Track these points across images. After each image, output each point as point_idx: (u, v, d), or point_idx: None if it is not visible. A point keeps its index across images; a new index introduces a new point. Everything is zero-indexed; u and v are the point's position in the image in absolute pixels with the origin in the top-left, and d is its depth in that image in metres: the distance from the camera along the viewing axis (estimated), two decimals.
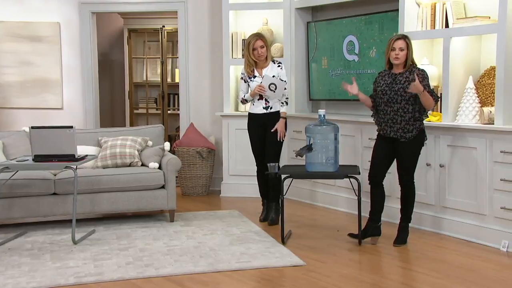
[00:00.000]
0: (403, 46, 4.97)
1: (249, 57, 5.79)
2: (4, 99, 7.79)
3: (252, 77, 5.83)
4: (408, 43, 4.97)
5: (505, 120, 4.95)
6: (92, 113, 7.84)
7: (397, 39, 4.99)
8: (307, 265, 4.60)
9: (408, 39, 5.00)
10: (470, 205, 5.21)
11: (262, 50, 5.75)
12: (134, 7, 7.79)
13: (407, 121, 4.95)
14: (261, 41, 5.76)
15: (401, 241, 5.10)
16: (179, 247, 5.06)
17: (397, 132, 4.99)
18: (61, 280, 4.29)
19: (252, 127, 5.93)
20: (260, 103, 5.83)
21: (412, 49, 5.01)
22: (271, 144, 5.81)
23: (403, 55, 4.98)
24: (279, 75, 5.80)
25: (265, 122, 5.82)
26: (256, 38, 5.77)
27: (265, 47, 5.76)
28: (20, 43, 7.73)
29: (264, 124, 5.83)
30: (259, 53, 5.76)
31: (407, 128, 4.95)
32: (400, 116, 4.96)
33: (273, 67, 5.84)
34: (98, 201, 5.76)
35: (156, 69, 9.70)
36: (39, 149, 5.25)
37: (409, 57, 4.98)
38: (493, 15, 5.14)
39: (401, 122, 4.96)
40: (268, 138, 5.82)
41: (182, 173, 7.31)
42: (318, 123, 5.17)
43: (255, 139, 5.92)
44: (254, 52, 5.75)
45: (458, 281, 4.25)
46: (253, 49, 5.75)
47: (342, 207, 6.40)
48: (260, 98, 5.81)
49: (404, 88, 4.92)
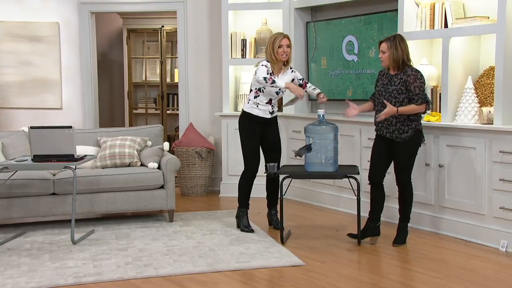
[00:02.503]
0: (384, 49, 4.98)
1: (272, 55, 5.42)
2: (3, 99, 7.79)
3: None
4: (389, 46, 4.94)
5: (504, 120, 4.95)
6: (91, 113, 7.84)
7: (381, 42, 5.03)
8: (306, 265, 4.60)
9: (393, 41, 4.95)
10: (469, 205, 5.21)
11: (287, 49, 5.42)
12: (133, 7, 7.79)
13: (402, 122, 4.95)
14: (288, 40, 5.44)
15: (400, 241, 5.10)
16: (178, 247, 5.06)
17: (392, 133, 4.99)
18: (60, 280, 4.28)
19: (253, 129, 5.57)
20: (268, 108, 5.53)
21: (401, 50, 4.95)
22: (275, 144, 5.66)
23: (385, 57, 4.99)
24: (295, 77, 5.58)
25: (265, 126, 5.61)
26: (283, 36, 5.45)
27: (290, 48, 5.45)
28: (19, 43, 7.72)
29: (264, 127, 5.61)
30: (285, 51, 5.40)
31: (402, 129, 4.95)
32: (394, 118, 4.96)
33: (288, 73, 5.55)
34: (97, 201, 5.76)
35: (155, 69, 9.70)
36: (38, 149, 5.24)
37: (394, 60, 4.94)
38: (492, 15, 5.14)
39: (396, 124, 4.96)
40: (271, 140, 5.64)
41: (181, 173, 7.31)
42: (318, 123, 5.17)
43: (255, 142, 5.59)
44: (279, 49, 5.38)
45: (457, 281, 4.25)
46: (279, 46, 5.39)
47: (342, 207, 6.40)
48: (269, 102, 5.52)
49: (398, 90, 4.93)
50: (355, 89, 6.53)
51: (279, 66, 5.51)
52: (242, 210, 5.63)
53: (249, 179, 5.62)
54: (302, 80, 5.64)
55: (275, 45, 5.41)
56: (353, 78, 6.55)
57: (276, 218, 5.68)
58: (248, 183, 5.64)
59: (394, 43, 4.95)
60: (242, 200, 5.63)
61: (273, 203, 5.75)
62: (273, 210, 5.75)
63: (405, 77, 4.91)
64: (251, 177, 5.62)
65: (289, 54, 5.48)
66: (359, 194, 5.06)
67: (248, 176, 5.61)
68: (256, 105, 5.54)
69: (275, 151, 5.67)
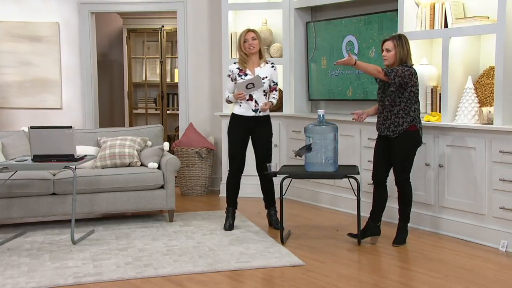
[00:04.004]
0: (390, 47, 4.98)
1: (240, 52, 5.57)
2: (3, 99, 7.79)
3: (243, 75, 5.55)
4: (396, 44, 4.96)
5: (504, 120, 4.95)
6: (91, 113, 7.84)
7: (385, 41, 5.03)
8: (306, 265, 4.60)
9: (398, 40, 4.97)
10: (469, 205, 5.21)
11: (253, 42, 5.50)
12: (133, 7, 7.79)
13: (396, 114, 4.94)
14: (252, 33, 5.53)
15: (400, 241, 5.10)
16: (178, 247, 5.06)
17: (389, 128, 5.00)
18: (60, 280, 4.28)
19: (237, 129, 5.57)
20: (250, 105, 5.52)
21: (406, 49, 4.97)
22: (264, 145, 5.59)
23: (390, 56, 4.99)
24: (271, 77, 5.58)
25: (252, 126, 5.55)
26: (247, 30, 5.57)
27: (257, 40, 5.52)
28: (19, 43, 7.72)
29: (251, 128, 5.56)
30: (250, 44, 5.50)
31: (397, 122, 4.96)
32: (389, 112, 4.97)
33: (267, 67, 5.59)
34: (97, 201, 5.76)
35: (155, 69, 9.70)
36: (38, 149, 5.24)
37: (399, 58, 4.96)
38: (492, 15, 5.14)
39: (391, 117, 4.97)
40: (259, 140, 5.59)
41: (181, 173, 7.31)
42: (318, 123, 5.17)
43: (238, 143, 5.57)
44: (245, 44, 5.51)
45: (457, 281, 4.25)
46: (244, 40, 5.52)
47: (342, 207, 6.40)
48: (250, 99, 5.50)
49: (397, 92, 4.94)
50: (355, 89, 6.54)
51: (252, 60, 5.58)
52: (228, 209, 5.69)
53: (231, 179, 5.68)
54: (276, 84, 5.63)
55: (241, 41, 5.55)
56: (353, 78, 6.55)
57: (275, 218, 5.68)
58: (231, 183, 5.68)
59: (400, 42, 4.96)
60: (227, 199, 5.73)
61: (270, 203, 5.75)
62: (272, 210, 5.75)
63: None
64: (232, 177, 5.66)
65: (257, 46, 5.54)
66: (359, 194, 5.06)
67: (230, 176, 5.69)
68: (239, 104, 5.59)
69: (263, 152, 5.59)
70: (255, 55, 5.58)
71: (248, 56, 5.57)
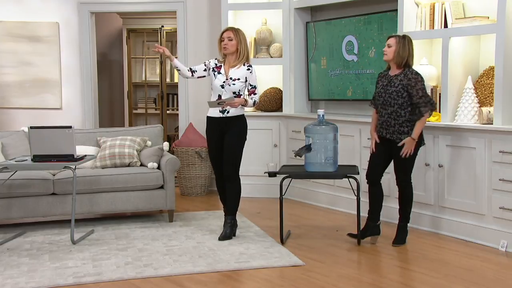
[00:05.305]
0: (392, 43, 4.98)
1: (218, 50, 5.38)
2: (3, 99, 7.79)
3: (217, 72, 5.34)
4: (398, 41, 4.96)
5: (504, 120, 4.95)
6: (91, 113, 7.83)
7: (389, 37, 5.05)
8: (306, 265, 4.60)
9: (402, 38, 4.98)
10: (469, 205, 5.21)
11: (228, 42, 5.27)
12: (133, 7, 7.79)
13: (401, 124, 4.95)
14: (230, 32, 5.30)
15: (400, 241, 5.10)
16: (178, 247, 5.06)
17: (392, 135, 5.00)
18: (60, 280, 4.28)
19: (209, 131, 5.39)
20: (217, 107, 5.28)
21: (408, 50, 4.97)
22: (228, 148, 5.29)
23: (390, 51, 4.99)
24: (247, 79, 5.30)
25: (222, 127, 5.31)
26: (226, 29, 5.38)
27: (233, 40, 5.27)
28: (19, 43, 7.72)
29: (222, 129, 5.32)
30: (225, 44, 5.27)
31: (401, 130, 4.96)
32: (393, 119, 4.97)
33: (242, 69, 5.30)
34: (97, 201, 5.76)
35: (155, 69, 9.70)
36: (38, 149, 5.24)
37: (399, 56, 4.95)
38: (492, 15, 5.14)
39: (395, 125, 4.97)
40: (225, 143, 5.30)
41: (181, 173, 7.31)
42: (317, 123, 5.17)
43: (212, 145, 5.38)
44: (222, 43, 5.30)
45: (457, 281, 4.25)
46: (221, 39, 5.32)
47: (341, 207, 6.40)
48: (218, 99, 5.29)
49: (397, 92, 4.92)
50: (354, 89, 6.54)
51: (229, 60, 5.35)
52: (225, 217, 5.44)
53: (218, 183, 5.48)
54: (254, 87, 5.35)
55: (219, 39, 5.37)
56: (353, 78, 6.55)
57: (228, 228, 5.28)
58: (219, 186, 5.48)
59: (403, 40, 4.97)
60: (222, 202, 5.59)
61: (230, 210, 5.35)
62: (228, 218, 5.35)
63: (406, 80, 4.91)
64: (219, 180, 5.45)
65: (233, 48, 5.28)
66: (358, 194, 5.06)
67: (216, 179, 5.50)
68: None
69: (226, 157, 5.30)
70: (232, 55, 5.33)
71: (225, 56, 5.37)
